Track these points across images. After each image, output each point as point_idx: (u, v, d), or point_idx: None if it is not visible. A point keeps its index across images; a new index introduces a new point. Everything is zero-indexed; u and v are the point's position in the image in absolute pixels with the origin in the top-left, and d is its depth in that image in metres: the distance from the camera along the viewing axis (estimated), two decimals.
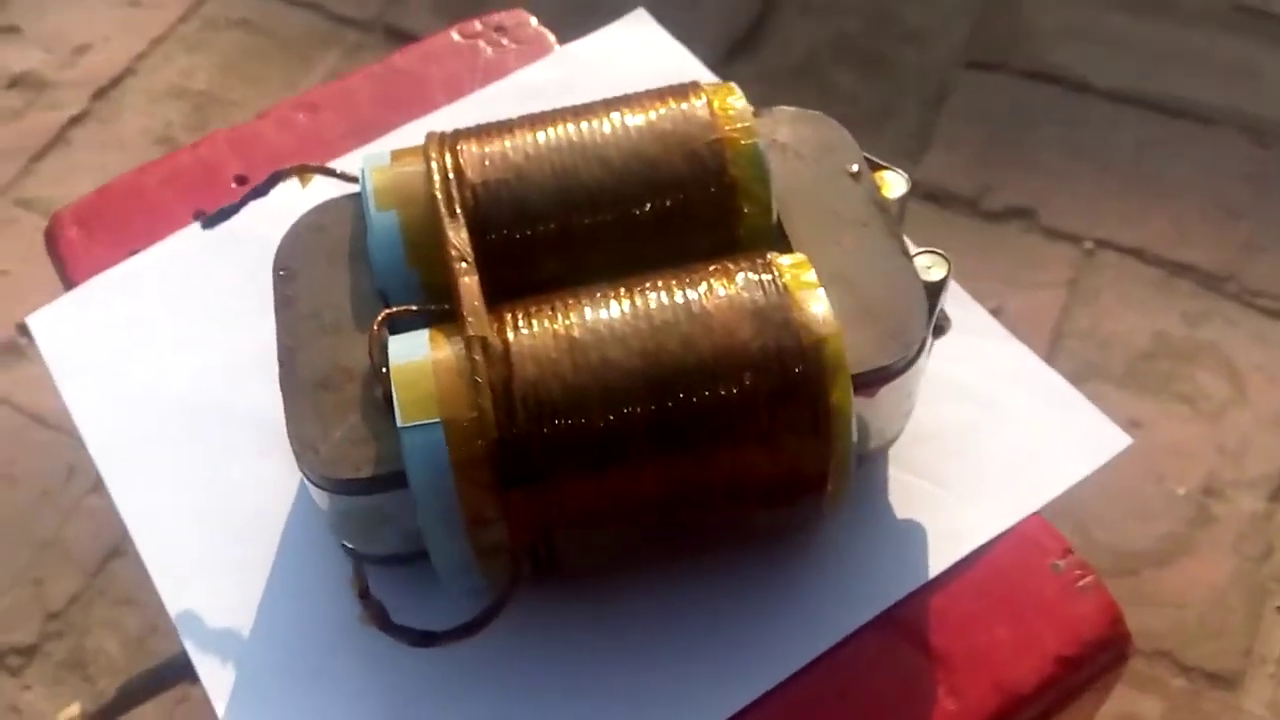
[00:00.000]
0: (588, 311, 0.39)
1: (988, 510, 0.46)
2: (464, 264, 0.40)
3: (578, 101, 0.46)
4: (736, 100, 0.45)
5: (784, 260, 0.41)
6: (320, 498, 0.40)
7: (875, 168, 0.47)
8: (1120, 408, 0.83)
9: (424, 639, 0.38)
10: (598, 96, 0.46)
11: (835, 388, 0.39)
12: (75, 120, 1.28)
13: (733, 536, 0.43)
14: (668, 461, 0.38)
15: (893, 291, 0.42)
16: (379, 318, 0.41)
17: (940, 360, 0.46)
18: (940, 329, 0.44)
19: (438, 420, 0.37)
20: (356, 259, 0.43)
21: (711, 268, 0.41)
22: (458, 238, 0.41)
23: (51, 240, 0.56)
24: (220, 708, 0.42)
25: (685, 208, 0.43)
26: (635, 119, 0.44)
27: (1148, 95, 1.20)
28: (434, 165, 0.43)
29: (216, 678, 0.43)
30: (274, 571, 0.45)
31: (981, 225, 1.15)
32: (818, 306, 0.39)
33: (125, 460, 0.49)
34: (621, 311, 0.39)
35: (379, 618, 0.37)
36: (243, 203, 0.47)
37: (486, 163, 0.43)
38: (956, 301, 0.53)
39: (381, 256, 0.42)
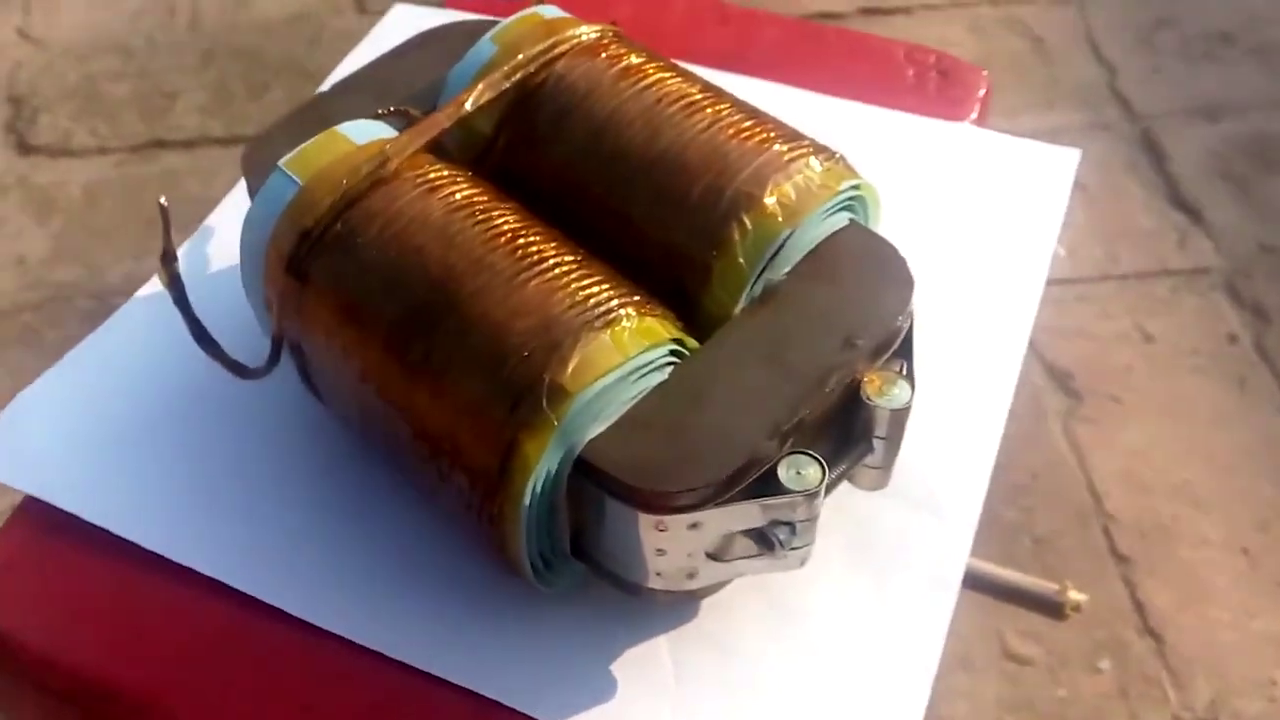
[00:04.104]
0: (464, 211, 0.41)
1: None
2: (449, 111, 0.44)
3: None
4: (814, 186, 0.42)
5: (643, 315, 0.39)
6: None
7: (894, 361, 0.41)
8: None
9: (200, 335, 0.45)
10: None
11: (533, 436, 0.37)
12: None
13: (429, 491, 0.43)
14: (387, 360, 0.40)
15: (718, 444, 0.38)
16: (388, 108, 0.47)
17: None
18: (767, 540, 0.39)
19: (299, 182, 0.43)
20: None
21: (595, 271, 0.40)
22: (475, 93, 0.45)
23: None
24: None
25: (667, 225, 0.42)
26: (726, 123, 0.44)
27: None
28: (553, 40, 0.46)
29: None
30: None
31: None
32: (596, 362, 0.38)
33: None
34: (480, 233, 0.41)
35: (174, 285, 0.45)
36: None
37: (585, 68, 0.46)
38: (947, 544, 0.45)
39: (454, 75, 0.47)
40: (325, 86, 0.64)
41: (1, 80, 1.34)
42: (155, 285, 0.55)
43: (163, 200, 0.43)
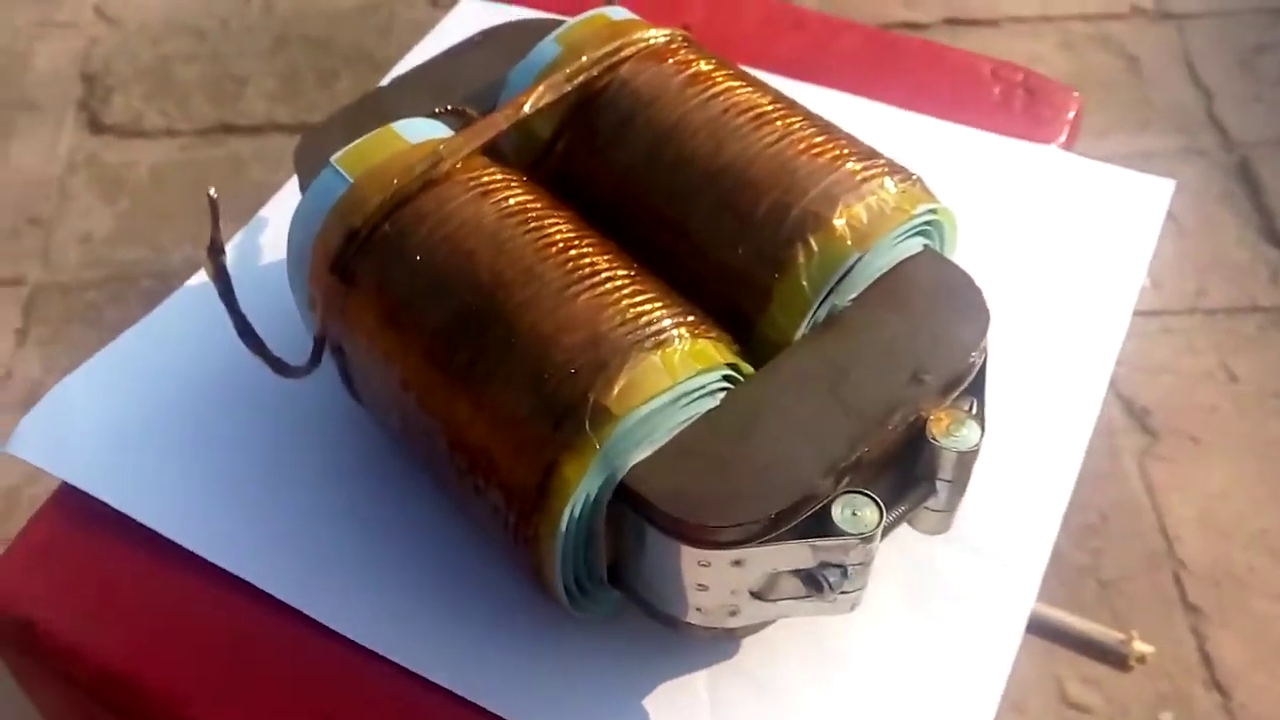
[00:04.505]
0: (516, 218, 0.40)
1: None
2: (507, 112, 0.43)
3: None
4: (887, 208, 0.40)
5: (697, 337, 0.38)
6: None
7: (964, 399, 0.39)
8: None
9: (244, 329, 0.44)
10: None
11: (574, 459, 0.36)
12: None
13: (465, 505, 0.42)
14: (429, 367, 0.39)
15: (769, 479, 0.36)
16: (447, 107, 0.46)
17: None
18: (817, 582, 0.37)
19: (349, 179, 0.42)
20: None
21: (648, 287, 0.39)
22: (535, 95, 0.44)
23: None
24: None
25: (727, 242, 0.41)
26: (797, 138, 0.42)
27: None
28: (621, 42, 0.45)
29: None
30: None
31: None
32: (643, 384, 0.36)
33: None
34: (531, 241, 0.39)
35: (220, 278, 0.44)
36: None
37: (651, 73, 0.44)
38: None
39: (516, 75, 0.46)
40: (387, 80, 0.63)
41: (77, 58, 1.36)
42: (202, 276, 0.54)
43: (212, 192, 0.42)
